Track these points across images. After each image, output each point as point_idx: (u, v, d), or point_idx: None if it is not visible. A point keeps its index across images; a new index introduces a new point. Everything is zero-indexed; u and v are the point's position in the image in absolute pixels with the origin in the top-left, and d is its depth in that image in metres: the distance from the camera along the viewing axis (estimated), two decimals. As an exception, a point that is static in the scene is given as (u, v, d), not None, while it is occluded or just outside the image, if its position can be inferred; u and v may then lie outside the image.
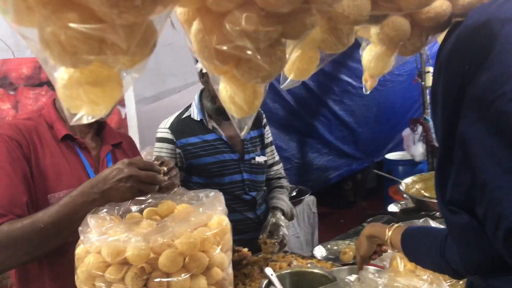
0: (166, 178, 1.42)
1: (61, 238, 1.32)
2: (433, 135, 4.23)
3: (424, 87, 4.44)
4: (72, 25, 0.39)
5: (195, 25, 0.59)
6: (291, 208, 2.26)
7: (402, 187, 2.07)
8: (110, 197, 1.30)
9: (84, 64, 0.44)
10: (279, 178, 2.44)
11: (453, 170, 0.85)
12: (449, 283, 1.29)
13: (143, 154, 3.01)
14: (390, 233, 1.32)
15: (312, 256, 2.09)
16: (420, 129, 4.43)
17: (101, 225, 1.14)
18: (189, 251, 1.14)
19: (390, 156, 5.34)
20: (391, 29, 0.89)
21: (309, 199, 3.98)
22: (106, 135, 1.71)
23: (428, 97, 4.45)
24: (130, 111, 3.33)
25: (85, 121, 0.51)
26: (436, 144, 3.50)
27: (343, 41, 0.75)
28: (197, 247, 1.15)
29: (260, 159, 2.25)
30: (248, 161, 2.21)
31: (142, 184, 1.32)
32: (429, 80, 4.26)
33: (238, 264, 1.94)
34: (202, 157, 2.12)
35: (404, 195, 2.38)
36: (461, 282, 1.30)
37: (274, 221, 2.10)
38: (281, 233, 2.04)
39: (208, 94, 2.12)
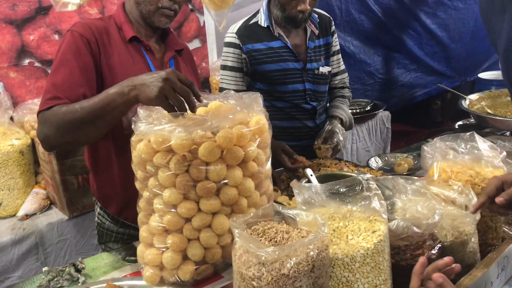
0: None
1: (96, 126, 1.43)
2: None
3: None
4: None
5: None
6: (350, 117, 2.28)
7: (465, 103, 2.00)
8: (139, 92, 1.32)
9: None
10: (342, 87, 2.43)
11: None
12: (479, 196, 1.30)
13: (219, 62, 3.13)
14: None
15: (367, 166, 2.14)
16: (519, 46, 4.05)
17: (149, 116, 1.28)
18: (226, 144, 1.25)
19: (484, 75, 4.98)
20: None
21: (383, 114, 3.92)
22: (170, 41, 1.82)
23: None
24: (208, 19, 3.41)
25: (69, 8, 0.60)
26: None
27: None
28: (233, 141, 1.26)
29: (324, 69, 2.26)
30: (311, 71, 2.22)
31: (173, 93, 1.29)
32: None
33: (295, 170, 2.04)
34: (266, 64, 2.17)
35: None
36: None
37: (329, 128, 2.15)
38: (335, 139, 2.10)
39: (277, 2, 2.12)
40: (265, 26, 2.18)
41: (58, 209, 2.51)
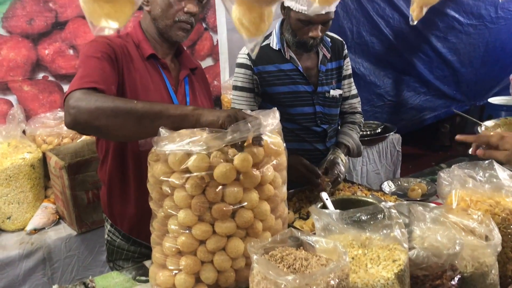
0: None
1: (137, 126, 1.35)
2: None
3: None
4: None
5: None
6: (358, 144, 2.26)
7: (481, 129, 1.99)
8: (204, 112, 1.30)
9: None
10: (353, 113, 2.42)
11: None
12: (501, 225, 1.28)
13: (231, 81, 3.13)
14: None
15: (380, 190, 2.12)
16: (530, 72, 4.05)
17: (170, 136, 1.27)
18: (243, 167, 1.24)
19: (494, 100, 4.97)
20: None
21: (394, 137, 3.90)
22: (184, 59, 1.83)
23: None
24: (222, 38, 3.43)
25: (106, 32, 0.59)
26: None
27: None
28: (250, 164, 1.25)
29: (334, 92, 2.25)
30: (322, 94, 2.22)
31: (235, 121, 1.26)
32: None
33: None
34: (276, 86, 2.17)
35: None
36: (512, 225, 1.29)
37: (331, 158, 2.13)
38: (336, 171, 2.07)
39: (289, 27, 2.12)
40: (277, 48, 2.19)
41: (67, 224, 2.49)
